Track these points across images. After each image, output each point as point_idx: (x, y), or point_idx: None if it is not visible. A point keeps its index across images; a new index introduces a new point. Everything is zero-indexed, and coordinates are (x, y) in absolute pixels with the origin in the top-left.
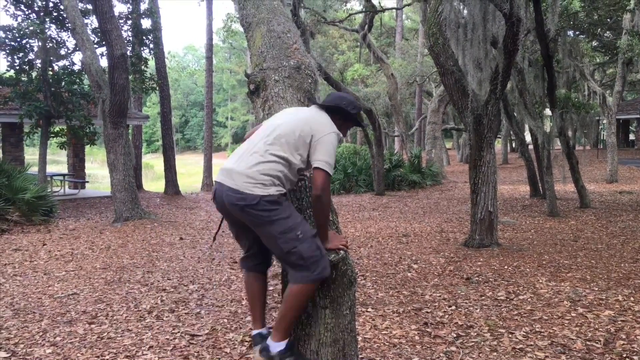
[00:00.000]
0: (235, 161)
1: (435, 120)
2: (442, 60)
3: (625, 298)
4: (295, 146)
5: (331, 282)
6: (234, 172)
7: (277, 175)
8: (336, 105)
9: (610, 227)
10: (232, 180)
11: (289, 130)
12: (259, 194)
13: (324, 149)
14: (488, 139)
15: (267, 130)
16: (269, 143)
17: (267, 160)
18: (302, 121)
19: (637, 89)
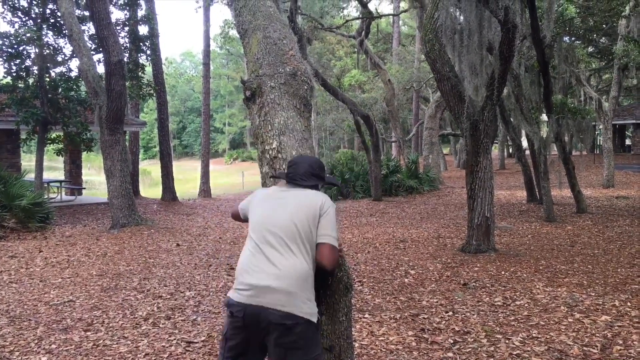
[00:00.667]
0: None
1: (432, 125)
2: (439, 66)
3: (622, 303)
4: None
5: (327, 289)
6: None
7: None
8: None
9: (607, 232)
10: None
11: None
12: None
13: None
14: (484, 145)
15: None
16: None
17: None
18: (308, 203)
19: (633, 95)
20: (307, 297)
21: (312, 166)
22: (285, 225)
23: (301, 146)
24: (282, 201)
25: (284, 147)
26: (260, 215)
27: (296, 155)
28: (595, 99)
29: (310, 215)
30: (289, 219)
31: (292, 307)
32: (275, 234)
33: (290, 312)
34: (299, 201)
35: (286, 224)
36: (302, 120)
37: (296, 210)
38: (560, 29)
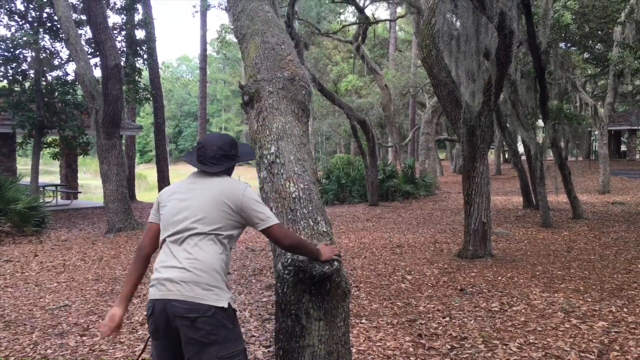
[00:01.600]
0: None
1: (428, 131)
2: (436, 71)
3: (619, 309)
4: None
5: (325, 294)
6: None
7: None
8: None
9: (603, 238)
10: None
11: (208, 209)
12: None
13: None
14: (481, 150)
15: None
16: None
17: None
18: (215, 191)
19: (628, 101)
20: (213, 285)
21: (222, 147)
22: (193, 218)
23: (299, 151)
24: (190, 194)
25: (282, 151)
26: (168, 213)
27: (294, 159)
28: (591, 105)
29: (223, 204)
30: (198, 211)
31: (194, 297)
32: (183, 228)
33: (193, 301)
34: (209, 192)
35: (193, 217)
36: (300, 125)
37: (205, 201)
38: (556, 35)
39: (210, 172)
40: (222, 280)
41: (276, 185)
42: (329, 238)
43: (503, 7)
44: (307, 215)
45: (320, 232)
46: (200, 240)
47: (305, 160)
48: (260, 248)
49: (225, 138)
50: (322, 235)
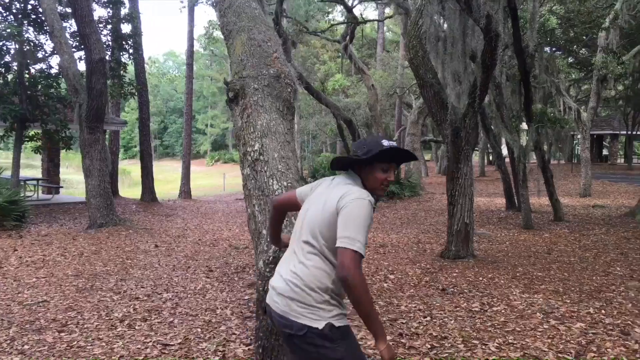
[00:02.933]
0: None
1: (414, 131)
2: (422, 72)
3: (597, 311)
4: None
5: None
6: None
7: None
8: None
9: (583, 241)
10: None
11: (321, 217)
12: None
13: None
14: (465, 152)
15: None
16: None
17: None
18: (330, 200)
19: (611, 106)
20: (313, 303)
21: (370, 143)
22: (310, 223)
23: (283, 148)
24: (322, 193)
25: (266, 149)
26: (301, 210)
27: (278, 157)
28: (575, 109)
29: (327, 211)
30: (314, 216)
31: (289, 312)
32: (302, 232)
33: (286, 316)
34: (327, 194)
35: (310, 221)
36: (284, 122)
37: (321, 204)
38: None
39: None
40: (323, 300)
41: (259, 183)
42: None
43: (489, 10)
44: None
45: None
46: (308, 251)
47: (289, 158)
48: (243, 246)
49: (375, 138)
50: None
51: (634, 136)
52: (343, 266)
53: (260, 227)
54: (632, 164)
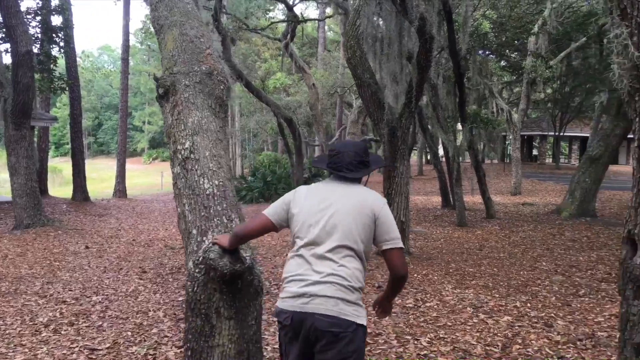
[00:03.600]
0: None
1: (354, 131)
2: (359, 72)
3: (523, 304)
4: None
5: (236, 293)
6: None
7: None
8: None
9: (513, 237)
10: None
11: (353, 221)
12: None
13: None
14: (402, 151)
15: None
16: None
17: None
18: (358, 204)
19: (540, 108)
20: (354, 301)
21: (359, 153)
22: (339, 231)
23: (215, 147)
24: (333, 201)
25: (197, 147)
26: (305, 218)
27: (209, 155)
28: (506, 111)
29: (361, 218)
30: (344, 223)
31: (339, 312)
32: (326, 239)
33: (338, 316)
34: (349, 202)
35: (339, 229)
36: (217, 120)
37: (346, 212)
38: (475, 43)
39: (349, 178)
40: (361, 298)
41: (190, 182)
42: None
43: (424, 13)
44: (221, 212)
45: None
46: (345, 254)
47: (221, 157)
48: (180, 246)
49: (360, 144)
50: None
51: (561, 137)
52: (402, 265)
53: (191, 227)
54: (560, 164)
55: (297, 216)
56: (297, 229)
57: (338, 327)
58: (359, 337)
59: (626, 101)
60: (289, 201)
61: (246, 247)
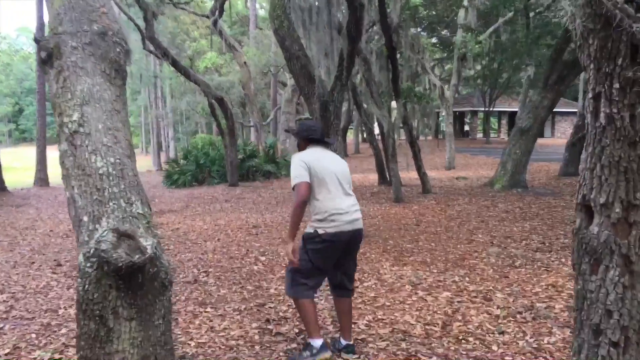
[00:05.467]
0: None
1: (289, 110)
2: (288, 44)
3: (461, 279)
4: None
5: (137, 289)
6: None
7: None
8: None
9: (449, 211)
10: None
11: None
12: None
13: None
14: (335, 126)
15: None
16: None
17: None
18: (344, 162)
19: (470, 84)
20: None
21: (322, 130)
22: (343, 175)
23: (110, 118)
24: (332, 159)
25: (87, 119)
26: (327, 170)
27: (103, 128)
28: (439, 87)
29: (348, 170)
30: (344, 171)
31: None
32: (344, 180)
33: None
34: (339, 159)
35: (343, 174)
36: (112, 88)
37: (343, 166)
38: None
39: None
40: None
41: (79, 160)
42: (145, 221)
43: None
44: (118, 194)
45: (134, 214)
46: (349, 190)
47: (118, 130)
48: None
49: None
50: (138, 218)
51: (490, 112)
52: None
53: (81, 213)
54: (490, 138)
55: (321, 173)
56: (324, 180)
57: (360, 233)
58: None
59: (578, 45)
60: (307, 167)
61: (147, 234)
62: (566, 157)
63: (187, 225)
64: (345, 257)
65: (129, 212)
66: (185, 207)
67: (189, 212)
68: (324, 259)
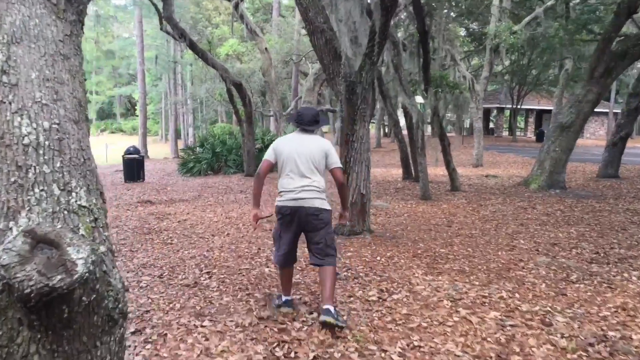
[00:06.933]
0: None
1: (310, 99)
2: (311, 15)
3: (510, 295)
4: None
5: (65, 326)
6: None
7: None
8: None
9: (482, 211)
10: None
11: (316, 155)
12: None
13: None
14: (362, 111)
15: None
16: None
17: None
18: (317, 145)
19: (497, 80)
20: (322, 197)
21: (314, 115)
22: (307, 158)
23: (51, 66)
24: (302, 142)
25: (15, 64)
26: (289, 152)
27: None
28: (469, 79)
29: (320, 151)
30: (310, 153)
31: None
32: (302, 163)
33: (317, 206)
34: (311, 144)
35: (308, 157)
36: (59, 23)
37: (311, 148)
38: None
39: (308, 130)
40: (326, 195)
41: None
42: (90, 219)
43: None
44: (50, 177)
45: (73, 207)
46: (314, 173)
47: (62, 83)
48: None
49: (315, 110)
50: (78, 214)
51: (517, 110)
52: (342, 177)
53: None
54: (516, 136)
55: (283, 155)
56: (284, 162)
57: (318, 211)
58: (327, 215)
59: None
60: (275, 149)
61: (84, 240)
62: (606, 157)
63: (196, 217)
64: (307, 233)
65: (65, 203)
66: (197, 196)
67: (200, 203)
68: (281, 229)
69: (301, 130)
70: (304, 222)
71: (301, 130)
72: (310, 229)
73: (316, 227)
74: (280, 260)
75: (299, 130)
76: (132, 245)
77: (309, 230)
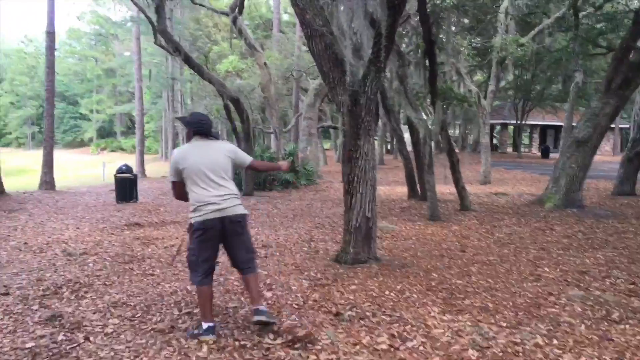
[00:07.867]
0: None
1: (311, 115)
2: (309, 18)
3: (547, 341)
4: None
5: None
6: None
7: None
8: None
9: (496, 233)
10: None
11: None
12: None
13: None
14: (366, 124)
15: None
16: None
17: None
18: (221, 151)
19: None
20: (240, 202)
21: (210, 122)
22: (214, 166)
23: None
24: (206, 151)
25: None
26: (198, 165)
27: None
28: (475, 93)
29: (224, 157)
30: (217, 162)
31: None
32: (211, 172)
33: (240, 212)
34: (213, 150)
35: (214, 165)
36: None
37: (217, 156)
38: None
39: (212, 136)
40: (239, 197)
41: None
42: None
43: None
44: None
45: None
46: (225, 179)
47: None
48: (82, 252)
49: (205, 115)
50: None
51: (522, 126)
52: (259, 165)
53: None
54: (521, 152)
55: (189, 169)
56: (192, 176)
57: (240, 218)
58: (246, 220)
59: None
60: (177, 166)
61: None
62: (621, 174)
63: (185, 242)
64: (230, 245)
65: None
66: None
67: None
68: (202, 247)
69: (201, 138)
70: (229, 231)
71: (201, 138)
72: (234, 236)
73: (239, 233)
74: (204, 280)
75: (198, 138)
76: (107, 278)
77: (233, 238)
